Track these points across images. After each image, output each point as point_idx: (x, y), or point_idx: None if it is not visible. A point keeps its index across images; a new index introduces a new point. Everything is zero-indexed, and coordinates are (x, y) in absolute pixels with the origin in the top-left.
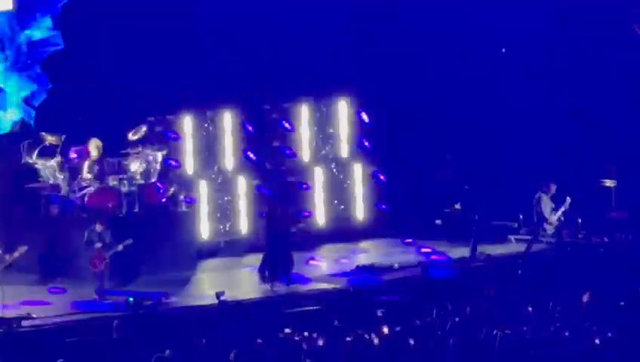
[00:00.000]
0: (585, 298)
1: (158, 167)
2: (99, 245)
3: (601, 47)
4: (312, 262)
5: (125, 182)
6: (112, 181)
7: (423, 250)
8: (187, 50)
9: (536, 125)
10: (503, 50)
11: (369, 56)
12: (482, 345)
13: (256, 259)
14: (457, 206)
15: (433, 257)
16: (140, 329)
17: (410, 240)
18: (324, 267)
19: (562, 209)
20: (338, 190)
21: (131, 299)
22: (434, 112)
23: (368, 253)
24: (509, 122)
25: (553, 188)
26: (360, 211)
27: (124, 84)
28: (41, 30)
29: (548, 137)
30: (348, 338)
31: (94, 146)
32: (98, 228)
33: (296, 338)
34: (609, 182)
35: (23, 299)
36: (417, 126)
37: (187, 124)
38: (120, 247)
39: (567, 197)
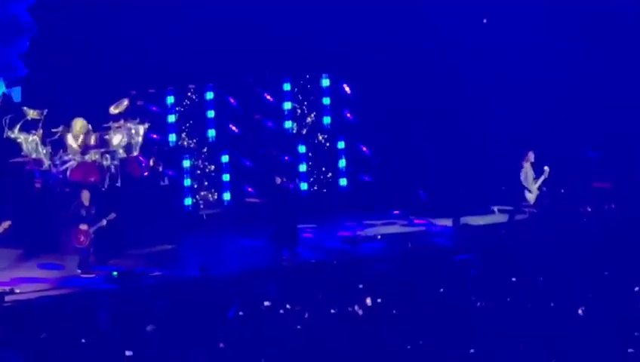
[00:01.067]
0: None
1: (140, 140)
2: (83, 226)
3: (579, 15)
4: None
5: (107, 156)
6: (94, 155)
7: (417, 221)
8: (169, 24)
9: (519, 95)
10: (485, 20)
11: (350, 29)
12: (466, 316)
13: (238, 231)
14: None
15: (417, 228)
16: (123, 303)
17: (397, 211)
18: (308, 239)
19: (542, 178)
20: (321, 162)
21: (115, 273)
22: (416, 85)
23: (351, 224)
24: (492, 93)
25: (532, 156)
26: (343, 183)
27: (107, 58)
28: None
29: (530, 108)
30: (332, 311)
31: (78, 124)
32: (84, 200)
33: (281, 311)
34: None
35: (13, 276)
36: (400, 98)
37: (169, 97)
38: (104, 222)
39: (545, 167)
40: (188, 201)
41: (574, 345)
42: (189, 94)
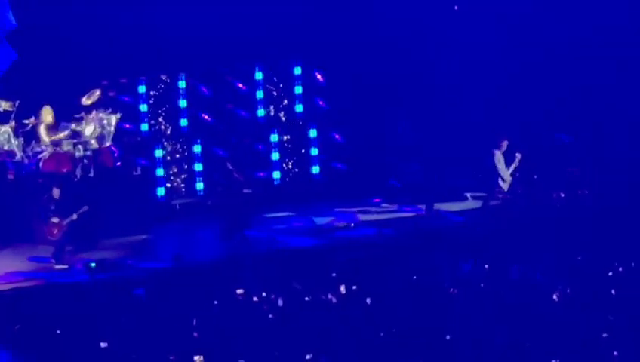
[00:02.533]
0: None
1: (112, 130)
2: (55, 219)
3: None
4: (269, 222)
5: (80, 146)
6: (66, 146)
7: (390, 208)
8: (141, 14)
9: (492, 81)
10: (456, 7)
11: (321, 17)
12: (440, 303)
13: (211, 220)
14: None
15: (390, 215)
16: (98, 294)
17: (378, 199)
18: (279, 227)
19: (513, 165)
20: (294, 150)
21: (93, 265)
22: (388, 71)
23: (325, 212)
24: (465, 79)
25: (505, 144)
26: (316, 171)
27: (78, 48)
28: None
29: (503, 93)
30: (306, 298)
31: (47, 113)
32: (55, 194)
33: (255, 299)
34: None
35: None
36: (372, 86)
37: (141, 87)
38: (75, 216)
39: (517, 154)
40: (161, 191)
41: (549, 330)
42: (161, 84)
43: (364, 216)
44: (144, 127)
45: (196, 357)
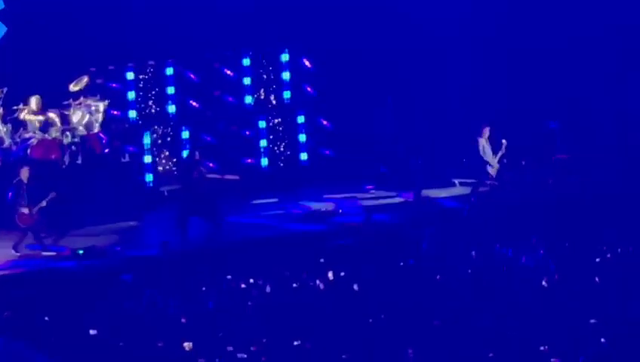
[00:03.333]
0: None
1: (100, 117)
2: (24, 209)
3: None
4: (257, 208)
5: (68, 133)
6: (54, 133)
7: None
8: (129, 1)
9: (481, 66)
10: None
11: (309, 3)
12: (426, 289)
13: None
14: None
15: (377, 201)
16: (85, 281)
17: (370, 186)
18: (267, 214)
19: (500, 152)
20: (282, 137)
21: (81, 252)
22: (375, 58)
23: (313, 199)
24: (453, 64)
25: (487, 131)
26: (304, 157)
27: (65, 35)
28: None
29: (492, 79)
30: (294, 285)
31: (34, 102)
32: (23, 176)
33: (243, 285)
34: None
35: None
36: (360, 72)
37: (129, 73)
38: (44, 203)
39: (503, 140)
40: (149, 178)
41: (538, 316)
42: (149, 70)
43: (351, 202)
44: (132, 113)
45: (185, 344)
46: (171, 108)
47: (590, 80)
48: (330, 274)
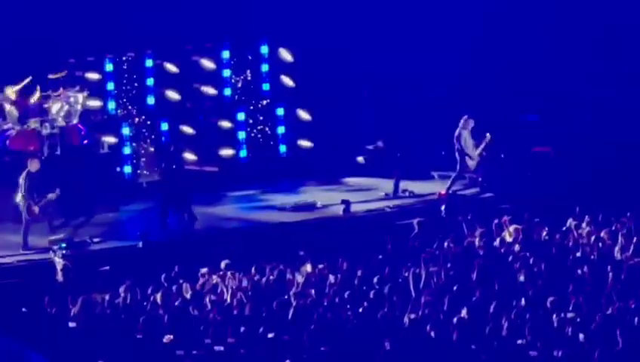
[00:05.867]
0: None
1: (79, 108)
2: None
3: None
4: (236, 200)
5: (47, 124)
6: (33, 123)
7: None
8: None
9: (459, 58)
10: None
11: None
12: (404, 281)
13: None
14: (380, 143)
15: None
16: (66, 273)
17: (347, 178)
18: (246, 205)
19: (483, 145)
20: (261, 129)
21: (64, 245)
22: (355, 50)
23: (291, 191)
24: (432, 56)
25: (471, 123)
26: (283, 150)
27: (45, 26)
28: None
29: (470, 71)
30: (272, 277)
31: (11, 91)
32: (32, 168)
33: (220, 277)
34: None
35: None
36: (339, 64)
37: (108, 65)
38: (52, 196)
39: (487, 133)
40: (127, 169)
41: (514, 309)
42: (128, 62)
43: (330, 195)
44: (111, 105)
45: (165, 337)
46: (150, 100)
47: (569, 72)
48: (309, 266)
